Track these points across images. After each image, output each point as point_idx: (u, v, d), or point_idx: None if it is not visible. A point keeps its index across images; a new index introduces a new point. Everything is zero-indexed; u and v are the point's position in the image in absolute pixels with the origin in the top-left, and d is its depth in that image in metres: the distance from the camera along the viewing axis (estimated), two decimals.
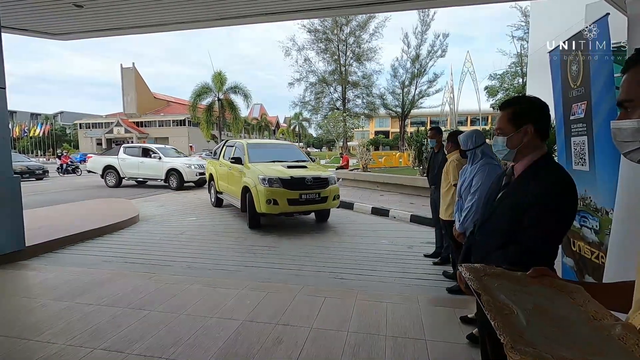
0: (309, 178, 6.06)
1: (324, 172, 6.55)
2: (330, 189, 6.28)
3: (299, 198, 5.93)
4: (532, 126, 1.38)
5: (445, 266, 4.15)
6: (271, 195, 5.80)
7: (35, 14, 4.88)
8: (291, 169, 6.32)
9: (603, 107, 2.01)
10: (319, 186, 6.14)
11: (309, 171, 6.39)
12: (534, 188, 1.33)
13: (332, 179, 6.44)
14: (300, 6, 4.90)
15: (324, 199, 6.18)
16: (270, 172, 6.08)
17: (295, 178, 6.01)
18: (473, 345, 2.50)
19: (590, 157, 2.19)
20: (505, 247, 1.39)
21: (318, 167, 7.09)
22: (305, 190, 5.98)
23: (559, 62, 2.48)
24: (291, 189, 5.88)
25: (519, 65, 27.92)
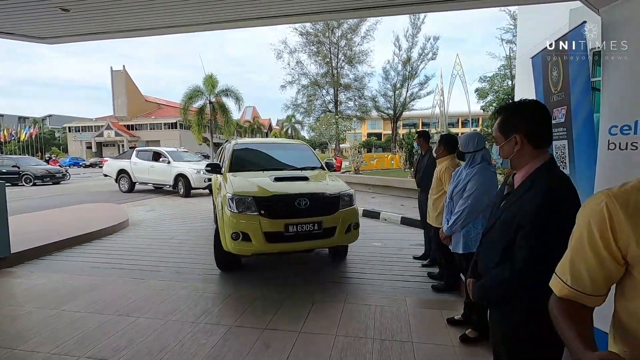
0: (304, 197, 3.78)
1: (333, 185, 4.20)
2: (342, 215, 3.90)
3: (284, 231, 3.64)
4: (520, 135, 1.29)
5: (432, 268, 4.19)
6: (238, 225, 3.63)
7: (21, 18, 4.83)
8: (279, 182, 4.06)
9: (581, 112, 2.06)
10: (321, 210, 3.81)
11: (308, 185, 4.17)
12: (526, 204, 1.27)
13: (347, 197, 4.08)
14: (291, 11, 4.91)
15: (328, 232, 3.81)
16: (245, 186, 3.96)
17: (280, 197, 3.76)
18: (462, 346, 2.54)
19: (571, 160, 2.24)
20: (501, 263, 1.37)
21: (325, 178, 4.53)
22: (294, 219, 3.70)
23: (541, 68, 2.55)
24: (272, 215, 3.66)
25: (508, 67, 28.33)
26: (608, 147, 1.84)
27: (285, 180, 4.18)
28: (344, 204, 4.00)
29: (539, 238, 1.23)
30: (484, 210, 2.56)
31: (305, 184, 4.19)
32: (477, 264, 1.62)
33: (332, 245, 3.99)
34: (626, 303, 0.81)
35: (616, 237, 0.77)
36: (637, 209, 0.75)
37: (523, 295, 1.35)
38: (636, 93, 1.77)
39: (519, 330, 1.38)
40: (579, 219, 0.86)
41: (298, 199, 3.74)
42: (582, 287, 0.84)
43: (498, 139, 1.38)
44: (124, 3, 4.42)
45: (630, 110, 1.78)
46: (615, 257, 0.78)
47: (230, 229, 3.64)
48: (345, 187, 4.20)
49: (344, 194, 4.07)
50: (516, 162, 1.35)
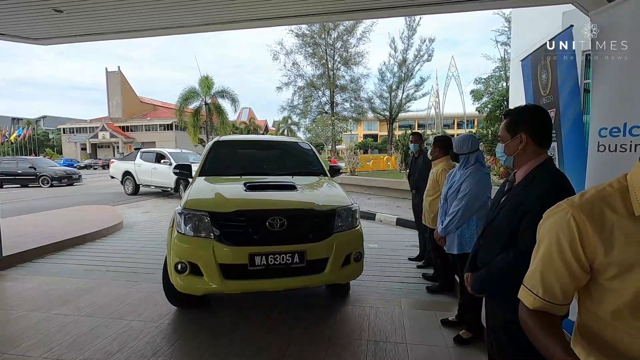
0: (280, 215, 2.74)
1: (327, 197, 3.13)
2: (338, 241, 2.87)
3: (249, 264, 2.65)
4: (526, 133, 1.43)
5: (427, 269, 4.20)
6: (184, 252, 2.69)
7: (13, 19, 4.80)
8: (251, 193, 3.03)
9: (570, 114, 2.09)
10: (305, 234, 2.80)
11: (291, 197, 3.06)
12: (529, 195, 1.37)
13: (347, 214, 3.01)
14: (287, 13, 4.92)
15: (315, 266, 2.80)
16: (203, 197, 3.05)
17: (246, 214, 2.75)
18: (456, 347, 2.55)
19: (560, 162, 2.27)
20: (504, 253, 1.44)
21: (322, 186, 3.47)
22: (264, 247, 2.69)
23: (530, 70, 2.57)
24: (232, 240, 2.69)
25: (502, 69, 28.53)
26: (598, 149, 1.86)
27: (261, 189, 3.12)
28: (343, 225, 2.94)
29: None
30: (478, 211, 2.58)
31: (287, 195, 3.06)
32: (475, 259, 1.65)
33: (322, 284, 2.92)
34: (590, 308, 0.84)
35: (585, 248, 0.79)
36: (602, 218, 0.77)
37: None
38: (625, 95, 1.79)
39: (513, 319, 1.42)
40: (544, 232, 0.88)
41: (271, 217, 2.66)
42: (553, 298, 0.86)
43: (504, 138, 1.52)
44: (117, 5, 4.41)
45: (619, 112, 1.80)
46: (584, 266, 0.81)
47: (175, 257, 2.68)
48: (345, 200, 3.11)
49: (343, 209, 2.96)
50: (519, 160, 1.48)
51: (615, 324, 0.78)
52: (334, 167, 4.47)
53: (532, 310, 0.89)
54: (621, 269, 0.75)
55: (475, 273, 1.61)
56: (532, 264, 0.92)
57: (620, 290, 0.76)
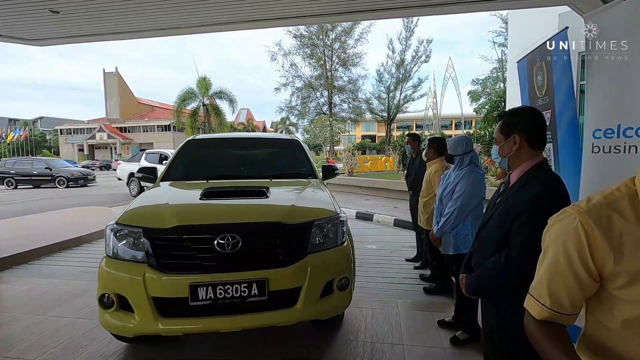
0: (234, 231, 2.13)
1: (304, 205, 2.50)
2: (314, 264, 2.24)
3: (190, 298, 2.04)
4: (519, 135, 1.43)
5: (424, 270, 4.20)
6: (111, 281, 2.18)
7: (10, 20, 4.78)
8: (207, 201, 2.48)
9: (565, 115, 2.10)
10: (266, 257, 2.20)
11: (255, 206, 2.46)
12: (521, 197, 1.38)
13: (328, 227, 2.42)
14: (285, 14, 4.91)
15: (282, 299, 2.18)
16: (145, 208, 2.53)
17: (188, 230, 2.15)
18: (453, 348, 2.55)
19: (556, 163, 2.28)
20: (498, 253, 1.45)
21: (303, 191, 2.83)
22: (210, 275, 2.09)
23: (526, 72, 2.58)
24: (169, 266, 2.11)
25: (500, 70, 28.63)
26: (592, 150, 1.87)
27: (221, 196, 2.57)
28: (323, 242, 2.33)
29: (535, 225, 1.29)
30: (473, 212, 2.59)
31: (251, 204, 2.45)
32: (470, 261, 1.67)
33: (293, 321, 2.20)
34: (598, 317, 0.81)
35: (594, 255, 0.75)
36: (610, 225, 0.74)
37: (517, 283, 1.41)
38: (619, 97, 1.80)
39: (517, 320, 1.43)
40: (550, 239, 0.84)
41: (222, 235, 2.08)
42: (561, 308, 0.83)
43: (499, 139, 1.52)
44: (114, 6, 4.40)
45: (613, 114, 1.81)
46: (593, 275, 0.77)
47: (100, 288, 2.15)
48: (328, 209, 2.48)
49: (324, 221, 2.35)
50: (513, 162, 1.48)
51: (625, 334, 0.75)
52: (328, 167, 3.78)
53: (539, 320, 0.86)
54: (632, 277, 0.72)
55: (469, 275, 1.61)
56: (537, 272, 0.88)
57: (632, 300, 0.73)
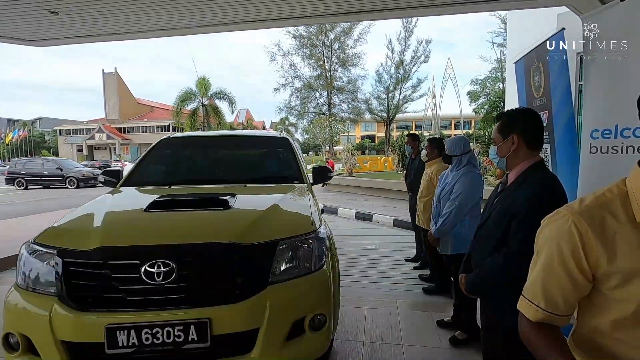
0: (168, 257, 1.64)
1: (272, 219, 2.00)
2: (275, 296, 1.73)
3: (107, 344, 1.55)
4: (517, 136, 1.46)
5: (424, 270, 4.21)
6: (16, 319, 1.69)
7: (9, 21, 4.78)
8: (153, 214, 2.00)
9: (562, 116, 2.11)
10: (205, 293, 1.69)
11: (209, 220, 1.96)
12: (519, 197, 1.41)
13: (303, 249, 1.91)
14: (285, 14, 4.91)
15: (228, 346, 1.66)
16: (75, 222, 2.07)
17: (113, 253, 1.67)
18: (452, 348, 2.56)
19: (553, 163, 2.29)
20: (497, 251, 1.47)
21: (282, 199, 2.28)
22: (133, 314, 1.60)
23: (523, 73, 2.59)
24: (82, 301, 1.63)
25: (499, 70, 28.68)
26: (590, 151, 1.88)
27: (172, 206, 2.11)
28: (292, 268, 1.85)
29: (533, 223, 1.34)
30: (471, 211, 2.60)
31: (203, 217, 1.98)
32: (469, 261, 1.68)
33: None
34: (591, 319, 0.82)
35: (588, 256, 0.76)
36: (603, 225, 0.75)
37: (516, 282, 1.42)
38: (616, 97, 1.81)
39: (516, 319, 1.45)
40: (543, 240, 0.84)
41: (150, 262, 1.63)
42: (556, 309, 0.83)
43: (497, 140, 1.55)
44: (113, 6, 4.41)
45: (610, 114, 1.83)
46: (587, 275, 0.78)
47: (5, 325, 1.70)
48: (303, 224, 2.01)
49: (295, 240, 1.88)
50: (511, 161, 1.52)
51: (615, 334, 0.76)
52: (319, 169, 3.21)
53: (534, 322, 0.86)
54: (625, 278, 0.73)
55: (468, 274, 1.63)
56: (530, 274, 0.88)
57: (624, 300, 0.74)
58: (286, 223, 2.01)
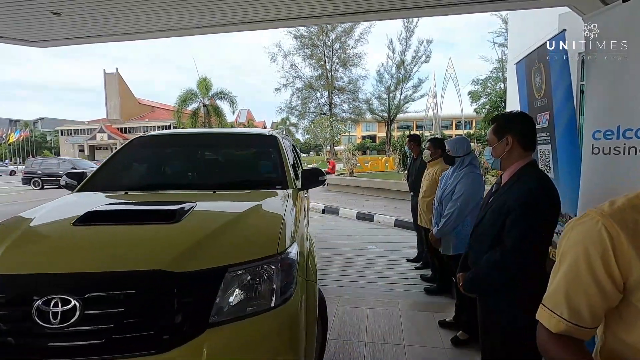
0: (72, 291, 1.24)
1: (227, 242, 1.55)
2: (216, 342, 1.28)
3: None
4: (512, 137, 1.53)
5: (425, 270, 4.21)
6: None
7: (12, 21, 4.80)
8: (81, 229, 1.58)
9: (563, 117, 2.11)
10: (117, 339, 1.24)
11: (140, 239, 1.53)
12: (513, 194, 1.46)
13: (261, 276, 1.46)
14: (287, 15, 4.91)
15: None
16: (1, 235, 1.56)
17: (4, 283, 1.29)
18: (453, 348, 2.57)
19: (554, 164, 2.29)
20: (493, 249, 1.52)
21: (241, 212, 1.83)
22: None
23: (524, 73, 2.60)
24: None
25: (500, 70, 28.65)
26: (592, 152, 1.88)
27: (108, 218, 1.75)
28: (244, 302, 1.43)
29: (527, 220, 1.41)
30: (472, 212, 2.61)
31: (134, 234, 1.59)
32: (467, 260, 1.70)
33: None
34: (620, 333, 0.75)
35: (618, 261, 0.69)
36: (637, 229, 0.69)
37: (513, 279, 1.48)
38: (619, 98, 1.81)
39: (513, 319, 1.50)
40: (568, 245, 0.77)
41: (48, 296, 1.25)
42: (580, 321, 0.75)
43: (492, 141, 1.61)
44: (115, 7, 4.42)
45: (612, 115, 1.82)
46: (617, 283, 0.71)
47: None
48: (264, 242, 1.57)
49: (248, 267, 1.46)
50: (505, 162, 1.58)
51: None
52: (308, 172, 2.74)
53: (555, 334, 0.78)
54: None
55: (466, 273, 1.65)
56: (552, 281, 0.80)
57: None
58: (242, 243, 1.55)
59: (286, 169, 2.63)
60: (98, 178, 2.58)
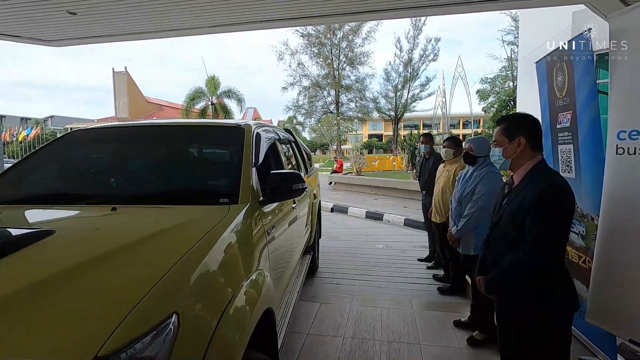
0: None
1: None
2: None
3: None
4: (524, 137, 1.55)
5: (437, 270, 4.20)
6: None
7: (29, 21, 4.87)
8: None
9: (587, 117, 2.09)
10: None
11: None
12: (529, 193, 1.47)
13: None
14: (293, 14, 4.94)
15: None
16: None
17: None
18: (469, 349, 2.56)
19: (576, 164, 2.27)
20: (514, 249, 1.53)
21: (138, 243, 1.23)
22: None
23: (545, 73, 2.57)
24: None
25: (509, 69, 28.35)
26: (616, 152, 1.86)
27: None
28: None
29: (546, 217, 1.44)
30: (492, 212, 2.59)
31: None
32: (484, 262, 1.70)
33: None
34: None
35: None
36: None
37: (536, 277, 1.50)
38: None
39: (530, 315, 1.52)
40: None
41: None
42: None
43: (502, 142, 1.62)
44: (129, 7, 4.48)
45: (638, 115, 1.80)
46: None
47: None
48: (96, 330, 0.83)
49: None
50: (515, 162, 1.60)
51: None
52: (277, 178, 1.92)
53: None
54: None
55: (486, 275, 1.64)
56: None
57: None
58: (47, 331, 0.85)
59: (244, 175, 1.84)
60: (4, 179, 2.03)
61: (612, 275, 1.89)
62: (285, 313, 2.23)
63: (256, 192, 1.86)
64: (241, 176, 1.84)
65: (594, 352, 2.29)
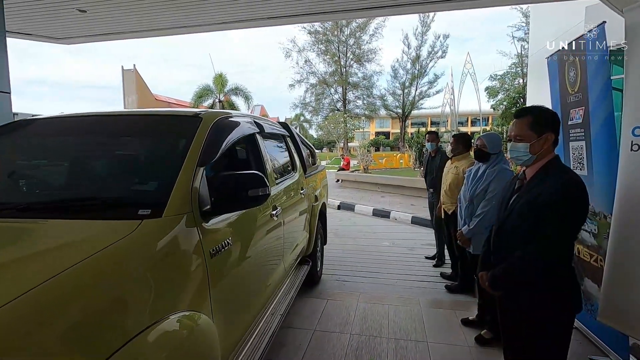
0: None
1: None
2: None
3: None
4: (552, 134, 1.50)
5: (445, 268, 4.18)
6: None
7: (40, 19, 4.94)
8: None
9: (600, 113, 2.05)
10: None
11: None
12: (546, 188, 1.44)
13: None
14: (299, 10, 4.94)
15: None
16: None
17: None
18: (477, 347, 2.55)
19: (588, 161, 2.23)
20: (526, 244, 1.49)
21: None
22: None
23: (557, 68, 2.52)
24: None
25: (519, 66, 27.94)
26: (631, 148, 1.82)
27: None
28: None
29: (564, 212, 1.41)
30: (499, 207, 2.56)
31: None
32: (487, 259, 1.67)
33: None
34: None
35: None
36: None
37: (546, 273, 1.48)
38: None
39: (538, 313, 1.50)
40: None
41: None
42: None
43: (529, 137, 1.50)
44: (137, 5, 4.51)
45: None
46: None
47: None
48: None
49: None
50: (538, 158, 1.53)
51: None
52: (237, 182, 1.50)
53: None
54: None
55: (490, 271, 1.61)
56: None
57: None
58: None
59: (181, 177, 1.41)
60: None
61: (625, 275, 1.86)
62: (259, 344, 1.87)
63: (199, 201, 1.41)
64: (177, 179, 1.39)
65: (606, 352, 2.26)
